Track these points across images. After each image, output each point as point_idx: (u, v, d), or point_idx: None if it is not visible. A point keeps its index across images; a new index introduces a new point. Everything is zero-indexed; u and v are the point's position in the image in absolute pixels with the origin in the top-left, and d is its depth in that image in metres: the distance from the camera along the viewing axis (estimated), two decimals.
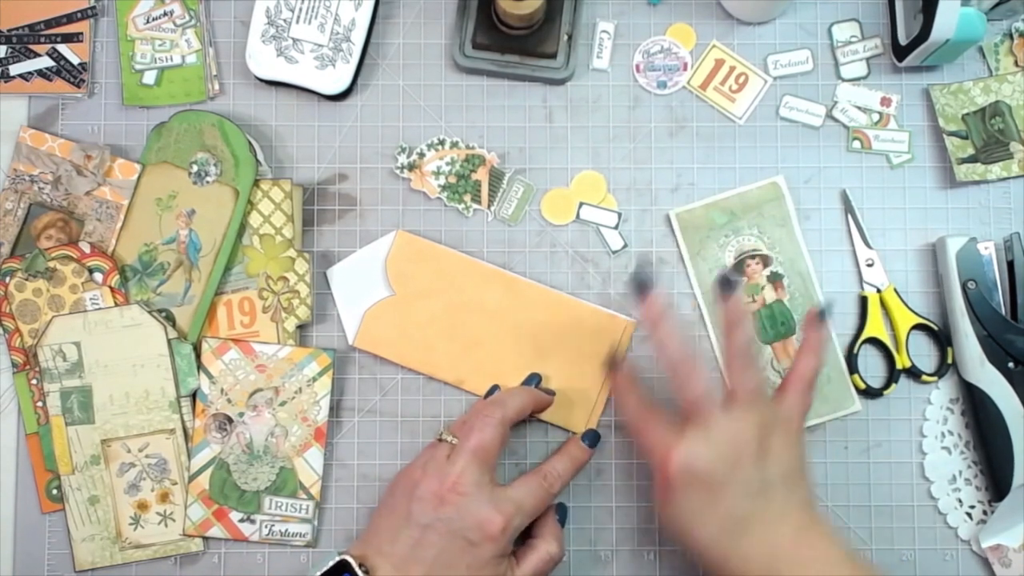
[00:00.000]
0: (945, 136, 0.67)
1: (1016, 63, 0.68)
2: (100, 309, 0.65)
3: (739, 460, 0.55)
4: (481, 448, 0.57)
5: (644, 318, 0.59)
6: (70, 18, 0.68)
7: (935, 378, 0.66)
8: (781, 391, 0.59)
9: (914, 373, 0.66)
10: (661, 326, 0.58)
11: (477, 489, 0.56)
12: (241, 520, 0.65)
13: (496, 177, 0.67)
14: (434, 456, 0.58)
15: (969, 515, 0.66)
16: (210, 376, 0.65)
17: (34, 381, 0.65)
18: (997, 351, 0.64)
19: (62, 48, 0.68)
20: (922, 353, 0.67)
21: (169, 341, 0.65)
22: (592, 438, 0.63)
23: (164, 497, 0.65)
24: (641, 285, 0.58)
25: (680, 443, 0.56)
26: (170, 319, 0.65)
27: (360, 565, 0.55)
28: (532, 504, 0.58)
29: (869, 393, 0.66)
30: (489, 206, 0.67)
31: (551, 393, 0.64)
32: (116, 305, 0.65)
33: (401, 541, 0.57)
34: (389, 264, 0.67)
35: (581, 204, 0.68)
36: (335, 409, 0.66)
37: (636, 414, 0.60)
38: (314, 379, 0.65)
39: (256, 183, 0.66)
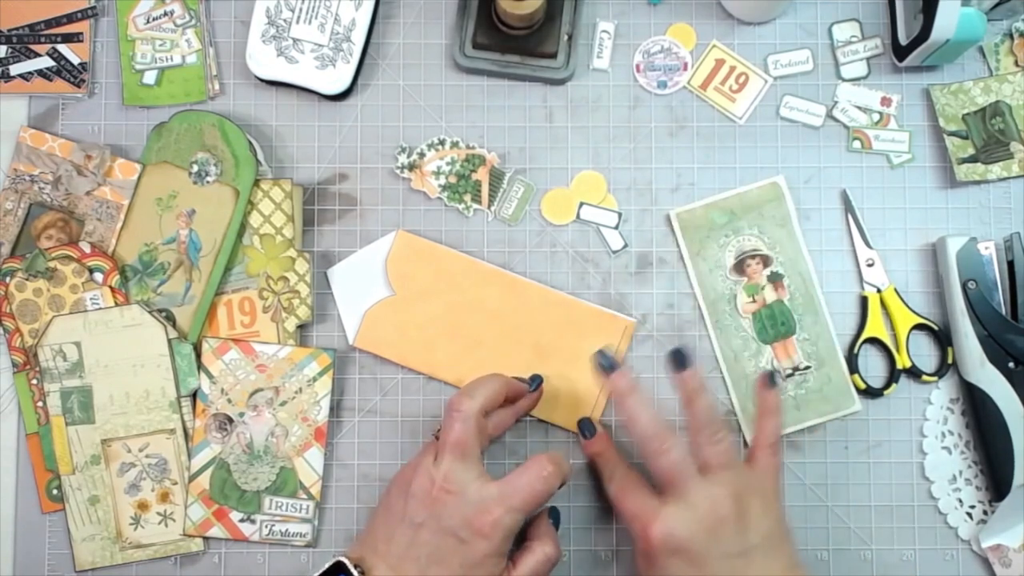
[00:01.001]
0: (945, 136, 0.67)
1: (1016, 63, 0.68)
2: (100, 309, 0.65)
3: (719, 528, 0.56)
4: (458, 444, 0.57)
5: (613, 391, 0.60)
6: (70, 18, 0.68)
7: (935, 378, 0.66)
8: (751, 456, 0.61)
9: (914, 373, 0.66)
10: (630, 399, 0.59)
11: (464, 486, 0.56)
12: (241, 520, 0.65)
13: (496, 177, 0.67)
14: (427, 454, 0.59)
15: (969, 515, 0.66)
16: (210, 376, 0.65)
17: (34, 381, 0.65)
18: (997, 351, 0.64)
19: (62, 48, 0.68)
20: (922, 353, 0.67)
21: (169, 341, 0.65)
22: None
23: (164, 497, 0.65)
24: (608, 361, 0.60)
25: (660, 514, 0.56)
26: (170, 319, 0.65)
27: (356, 566, 0.56)
28: (521, 498, 0.57)
29: (869, 393, 0.66)
30: (489, 206, 0.67)
31: (533, 384, 0.64)
32: (116, 305, 0.65)
33: (396, 540, 0.57)
34: (389, 264, 0.67)
35: (581, 204, 0.68)
36: (335, 409, 0.66)
37: (619, 482, 0.61)
38: (314, 379, 0.65)
39: (256, 183, 0.66)
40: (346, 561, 0.56)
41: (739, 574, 0.55)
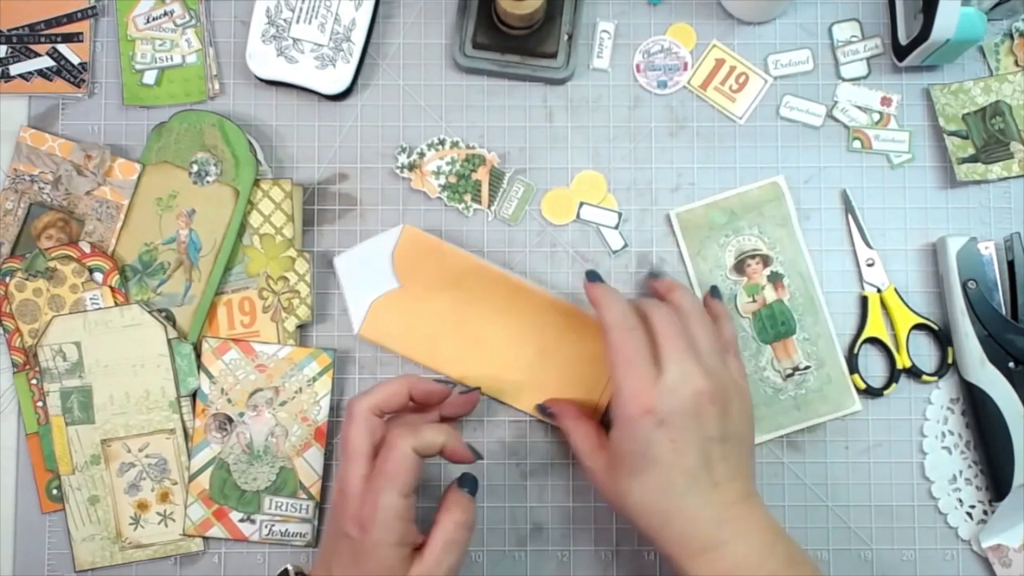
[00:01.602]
0: (945, 136, 0.67)
1: (1016, 63, 0.68)
2: (100, 309, 0.65)
3: (706, 411, 0.56)
4: (345, 443, 0.57)
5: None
6: (70, 18, 0.68)
7: (935, 378, 0.66)
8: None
9: (914, 373, 0.66)
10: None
11: (349, 485, 0.56)
12: (241, 520, 0.65)
13: (496, 177, 0.67)
14: None
15: (969, 515, 0.66)
16: (210, 376, 0.65)
17: (34, 381, 0.65)
18: (997, 351, 0.64)
19: (62, 48, 0.68)
20: (922, 353, 0.67)
21: (169, 341, 0.65)
22: (592, 276, 0.62)
23: (164, 497, 0.65)
24: (594, 276, 0.61)
25: (660, 382, 0.56)
26: (170, 319, 0.65)
27: (298, 574, 0.59)
28: (384, 476, 0.55)
29: (869, 393, 0.66)
30: (489, 206, 0.67)
31: (461, 390, 0.63)
32: (116, 305, 0.65)
33: (328, 545, 0.59)
34: (397, 257, 0.66)
35: (581, 204, 0.68)
36: (335, 409, 0.66)
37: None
38: (314, 379, 0.65)
39: (256, 183, 0.66)
40: (290, 568, 0.60)
41: (712, 461, 0.55)
